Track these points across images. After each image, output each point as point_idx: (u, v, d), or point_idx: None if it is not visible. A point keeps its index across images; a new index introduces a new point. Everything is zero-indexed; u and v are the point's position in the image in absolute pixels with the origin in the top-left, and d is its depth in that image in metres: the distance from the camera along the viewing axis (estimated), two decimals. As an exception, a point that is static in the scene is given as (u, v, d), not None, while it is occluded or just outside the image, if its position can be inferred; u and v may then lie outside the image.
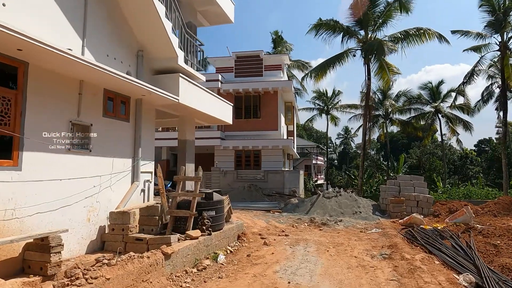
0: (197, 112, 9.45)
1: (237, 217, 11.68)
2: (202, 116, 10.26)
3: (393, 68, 21.25)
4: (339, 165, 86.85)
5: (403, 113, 40.05)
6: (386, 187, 13.58)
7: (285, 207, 15.29)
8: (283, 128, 22.05)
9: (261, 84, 20.39)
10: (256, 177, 18.81)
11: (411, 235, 8.91)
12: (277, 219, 12.80)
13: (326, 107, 42.25)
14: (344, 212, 13.47)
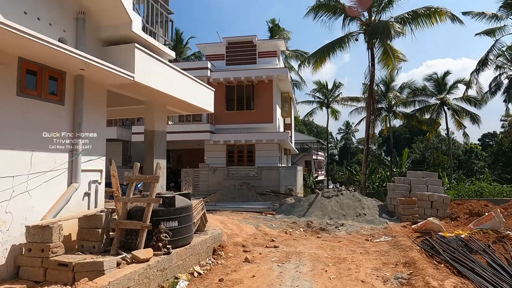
0: (167, 97, 7.69)
1: (221, 222, 9.98)
2: (175, 102, 8.50)
3: (399, 54, 19.41)
4: (340, 161, 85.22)
5: (407, 106, 38.24)
6: (394, 185, 11.82)
7: (279, 208, 13.56)
8: (279, 121, 20.27)
9: (254, 72, 18.58)
10: (248, 174, 17.09)
11: (430, 247, 7.17)
12: (269, 223, 11.07)
13: (326, 100, 40.45)
14: (346, 214, 11.73)
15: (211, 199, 15.10)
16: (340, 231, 9.84)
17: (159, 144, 8.28)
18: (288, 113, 22.08)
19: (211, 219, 10.16)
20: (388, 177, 39.44)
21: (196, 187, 17.29)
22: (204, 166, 17.35)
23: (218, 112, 19.37)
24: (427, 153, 56.61)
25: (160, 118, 8.39)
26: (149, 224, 5.19)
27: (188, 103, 8.63)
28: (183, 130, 18.71)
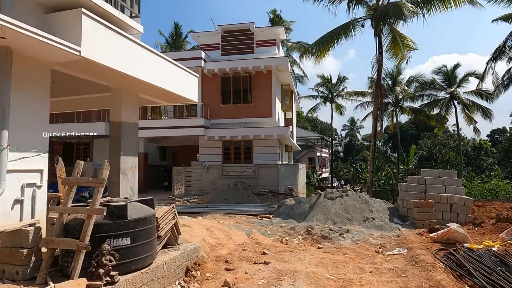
0: (136, 82, 6.34)
1: (208, 228, 8.64)
2: (149, 89, 7.15)
3: (408, 42, 17.88)
4: (345, 158, 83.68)
5: (415, 101, 36.65)
6: (407, 185, 10.39)
7: (277, 211, 12.19)
8: (278, 115, 18.86)
9: (251, 62, 17.17)
10: (245, 172, 15.72)
11: (457, 264, 5.77)
12: (264, 229, 9.71)
13: (330, 94, 38.90)
14: (352, 218, 10.34)
15: (202, 200, 13.77)
16: (345, 240, 8.45)
17: (127, 139, 6.93)
18: (289, 107, 20.66)
19: (196, 225, 8.83)
20: (394, 174, 37.98)
21: (189, 187, 15.98)
22: (196, 163, 16.01)
23: (213, 106, 18.04)
24: (434, 150, 55.01)
25: (129, 108, 7.03)
26: (87, 244, 3.84)
27: (165, 91, 7.27)
28: (176, 125, 17.40)
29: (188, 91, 8.21)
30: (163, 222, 5.37)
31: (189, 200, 14.61)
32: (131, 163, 7.02)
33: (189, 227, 8.06)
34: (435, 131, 57.33)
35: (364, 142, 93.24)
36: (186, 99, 8.30)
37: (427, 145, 60.16)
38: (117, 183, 6.66)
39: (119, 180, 6.64)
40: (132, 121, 7.13)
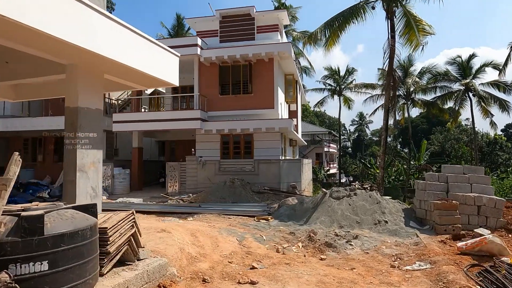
0: (95, 58, 5.12)
1: (192, 234, 7.45)
2: (115, 68, 5.91)
3: (424, 26, 16.35)
4: (354, 153, 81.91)
5: (427, 93, 34.88)
6: (425, 183, 9.00)
7: (277, 211, 10.92)
8: (281, 107, 17.52)
9: (251, 49, 15.83)
10: (244, 168, 14.46)
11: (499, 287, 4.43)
12: (260, 233, 8.46)
13: (338, 87, 37.35)
14: (361, 221, 9.01)
15: (196, 198, 12.57)
16: (353, 248, 7.14)
17: (87, 128, 5.70)
18: (293, 98, 19.29)
19: (180, 230, 7.62)
20: (405, 170, 36.44)
21: (183, 184, 14.79)
22: (191, 159, 14.79)
23: (211, 97, 16.79)
24: (446, 145, 53.18)
25: (89, 91, 5.78)
26: (-29, 274, 2.62)
27: (137, 72, 6.02)
28: (171, 118, 16.20)
29: (167, 72, 6.94)
30: (115, 233, 4.13)
31: (183, 199, 13.42)
32: (93, 158, 5.79)
33: (168, 233, 6.85)
34: (448, 125, 55.33)
35: (373, 137, 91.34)
36: (165, 82, 7.04)
37: (439, 140, 58.29)
38: (73, 182, 5.45)
39: (75, 178, 5.43)
40: (95, 107, 5.89)
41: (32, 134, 19.71)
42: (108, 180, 15.66)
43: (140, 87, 7.34)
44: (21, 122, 18.29)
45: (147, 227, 7.60)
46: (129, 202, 12.90)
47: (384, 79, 35.98)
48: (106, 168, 15.72)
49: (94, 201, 5.76)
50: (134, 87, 7.38)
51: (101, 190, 6.04)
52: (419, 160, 37.41)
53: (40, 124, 17.84)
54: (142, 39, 6.13)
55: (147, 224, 8.20)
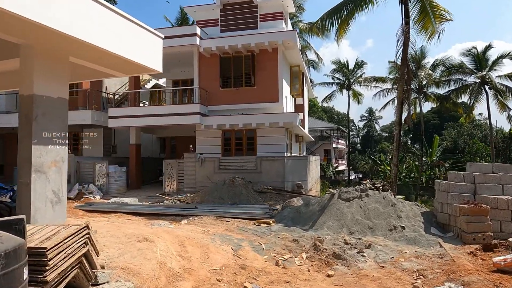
0: (56, 37, 4.17)
1: (180, 242, 6.51)
2: (84, 51, 4.95)
3: (441, 12, 15.10)
4: (363, 149, 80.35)
5: (440, 86, 33.36)
6: (448, 184, 7.88)
7: (280, 214, 9.92)
8: (286, 100, 16.45)
9: (253, 38, 14.76)
10: (245, 166, 13.47)
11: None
12: (259, 240, 7.47)
13: (347, 81, 36.01)
14: (374, 227, 7.96)
15: (193, 199, 11.62)
16: (366, 261, 6.11)
17: (45, 120, 4.76)
18: (299, 91, 18.19)
19: (166, 237, 6.67)
20: (416, 167, 35.14)
21: (181, 182, 13.87)
22: (189, 156, 13.84)
23: (212, 91, 15.81)
24: (459, 141, 51.56)
25: (48, 76, 4.84)
26: None
27: (110, 54, 5.06)
28: (169, 113, 15.27)
29: (149, 56, 5.97)
30: (59, 255, 3.18)
31: (180, 199, 12.51)
32: (55, 156, 4.86)
33: (150, 243, 5.89)
34: (461, 120, 53.53)
35: (383, 133, 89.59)
36: (146, 68, 6.07)
37: (451, 135, 56.64)
38: (28, 184, 4.53)
39: (30, 180, 4.50)
40: (57, 96, 4.94)
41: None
42: (103, 179, 14.83)
43: (117, 73, 6.37)
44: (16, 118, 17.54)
45: (129, 235, 6.67)
46: (122, 202, 12.03)
47: (395, 72, 34.64)
48: (101, 166, 14.90)
49: (56, 208, 4.85)
50: (110, 74, 6.41)
51: (66, 194, 5.10)
52: (431, 156, 36.10)
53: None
54: (117, 16, 5.15)
55: (132, 230, 7.28)
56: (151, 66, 6.03)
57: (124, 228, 7.59)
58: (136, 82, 17.02)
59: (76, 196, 13.74)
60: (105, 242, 6.17)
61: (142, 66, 5.93)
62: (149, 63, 5.97)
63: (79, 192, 13.92)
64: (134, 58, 5.56)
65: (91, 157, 16.42)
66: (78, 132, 18.55)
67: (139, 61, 5.71)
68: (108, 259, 5.06)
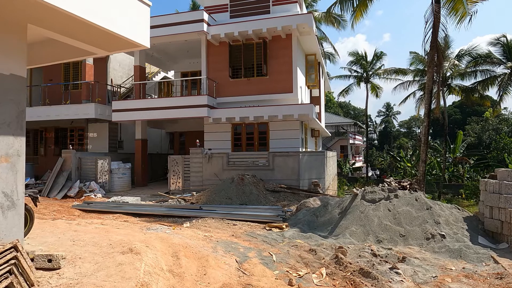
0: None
1: (174, 253, 5.50)
2: (47, 16, 3.88)
3: (474, -10, 13.55)
4: (380, 146, 78.07)
5: (465, 78, 31.34)
6: (498, 184, 6.51)
7: (294, 217, 8.74)
8: (301, 91, 15.19)
9: (265, 23, 13.54)
10: (256, 162, 12.31)
11: None
12: (269, 250, 6.31)
13: (365, 73, 34.32)
14: (407, 235, 6.69)
15: (198, 199, 10.55)
16: (403, 281, 4.87)
17: None
18: (315, 81, 16.87)
19: (162, 244, 5.64)
20: (438, 163, 33.33)
21: (187, 180, 12.83)
22: (196, 151, 12.77)
23: (221, 81, 14.70)
24: (484, 136, 49.05)
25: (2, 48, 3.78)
26: None
27: (81, 21, 3.97)
28: (174, 105, 14.23)
29: (132, 28, 4.85)
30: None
31: (185, 198, 11.46)
32: (6, 149, 3.81)
33: (134, 256, 4.83)
34: (486, 114, 50.87)
35: (401, 129, 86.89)
36: (129, 42, 4.95)
37: (475, 130, 54.04)
38: (-34, 185, 3.50)
39: (-31, 179, 3.47)
40: (8, 73, 3.89)
41: (32, 126, 18.37)
42: (105, 176, 13.93)
43: (94, 50, 5.26)
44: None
45: (115, 243, 5.63)
46: (122, 201, 11.08)
47: (417, 64, 32.79)
48: (103, 162, 14.00)
49: (8, 215, 3.81)
50: (86, 52, 5.31)
51: (23, 196, 4.06)
52: (454, 152, 34.25)
53: (37, 114, 16.36)
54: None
55: (121, 236, 6.24)
56: (136, 40, 4.92)
57: (112, 234, 6.58)
58: (141, 74, 16.06)
59: (76, 195, 12.90)
60: (83, 253, 5.15)
61: (125, 40, 4.83)
62: (133, 35, 4.86)
63: (79, 190, 13.07)
64: (114, 28, 4.46)
65: (94, 153, 15.57)
66: (83, 126, 17.78)
67: (121, 32, 4.61)
68: (76, 278, 4.02)
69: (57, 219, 8.85)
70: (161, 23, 14.37)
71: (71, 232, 6.66)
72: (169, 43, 15.45)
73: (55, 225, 7.35)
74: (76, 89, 17.59)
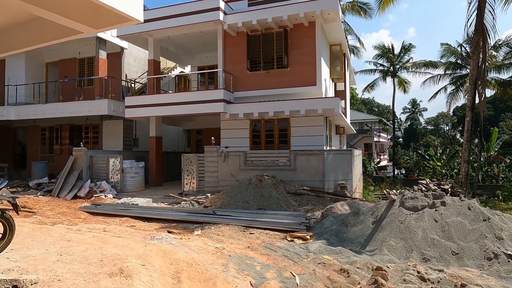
0: None
1: (177, 272, 4.53)
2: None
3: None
4: (405, 144, 75.13)
5: (502, 71, 29.05)
6: None
7: (320, 225, 7.63)
8: (326, 83, 13.96)
9: (286, 9, 12.41)
10: (276, 161, 11.23)
11: None
12: (291, 268, 5.25)
13: (392, 67, 32.47)
14: (461, 252, 5.45)
15: (212, 201, 9.59)
16: (470, 322, 3.68)
17: None
18: (340, 74, 15.59)
19: (162, 261, 4.75)
20: (472, 163, 31.15)
21: (202, 180, 11.91)
22: (211, 150, 11.82)
23: (238, 75, 13.71)
24: (521, 133, 46.09)
25: None
26: None
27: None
28: (189, 101, 13.35)
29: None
30: None
31: (198, 200, 10.55)
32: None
33: (124, 280, 3.89)
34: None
35: (428, 126, 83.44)
36: (118, 15, 3.94)
37: (510, 127, 50.84)
38: None
39: None
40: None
41: (48, 123, 18.03)
42: (117, 175, 13.24)
43: (80, 26, 4.31)
44: (33, 109, 16.52)
45: (107, 259, 4.74)
46: (132, 203, 10.29)
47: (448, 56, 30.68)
48: (115, 161, 13.31)
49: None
50: (72, 30, 4.37)
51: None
52: (488, 151, 31.97)
53: (51, 111, 15.93)
54: None
55: (117, 249, 5.34)
56: (126, 12, 3.92)
57: (109, 245, 5.71)
58: (155, 68, 15.29)
59: (86, 195, 12.25)
60: (65, 273, 4.25)
61: (114, 12, 3.83)
62: (123, 6, 3.87)
63: (90, 190, 12.42)
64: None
65: (106, 151, 14.94)
66: (98, 124, 17.25)
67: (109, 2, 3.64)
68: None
69: (57, 224, 8.11)
70: (175, 13, 13.52)
71: (63, 242, 5.84)
72: (184, 35, 14.59)
73: (50, 233, 6.57)
74: (91, 86, 17.06)
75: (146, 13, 14.32)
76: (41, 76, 18.65)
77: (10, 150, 19.43)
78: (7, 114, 16.72)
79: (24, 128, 19.07)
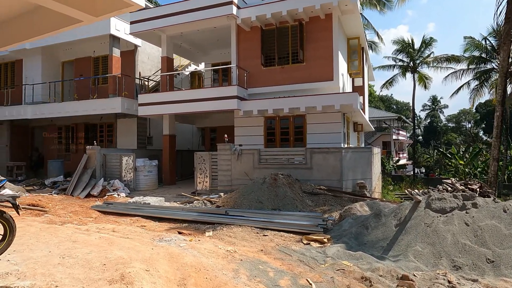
0: None
1: (183, 279, 4.14)
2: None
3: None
4: (425, 142, 73.09)
5: (530, 65, 27.53)
6: None
7: (337, 227, 7.17)
8: (343, 79, 13.41)
9: (302, 2, 11.92)
10: (291, 160, 10.79)
11: None
12: (307, 275, 4.86)
13: (412, 62, 31.41)
14: (498, 260, 4.92)
15: (225, 201, 9.25)
16: None
17: None
18: (358, 69, 14.98)
19: (168, 266, 4.42)
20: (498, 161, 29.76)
21: (215, 179, 11.60)
22: (224, 148, 11.48)
23: (252, 70, 13.34)
24: (547, 130, 43.98)
25: None
26: None
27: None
28: (202, 98, 13.06)
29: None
30: None
31: (211, 200, 10.24)
32: None
33: (124, 287, 3.56)
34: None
35: (449, 124, 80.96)
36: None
37: (536, 124, 48.60)
38: None
39: None
40: None
41: (64, 122, 18.14)
42: (130, 174, 13.09)
43: (79, 14, 4.02)
44: (49, 108, 16.61)
45: (110, 263, 4.45)
46: (144, 202, 10.08)
47: (472, 50, 29.38)
48: (128, 159, 13.16)
49: None
50: (71, 18, 4.09)
51: None
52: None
53: (66, 110, 15.97)
54: None
55: (122, 252, 5.06)
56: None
57: (114, 248, 5.44)
58: (169, 65, 15.09)
59: (99, 193, 12.14)
60: (64, 278, 3.98)
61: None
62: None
63: (103, 189, 12.31)
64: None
65: (120, 149, 14.83)
66: (112, 122, 17.21)
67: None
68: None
69: (67, 223, 7.94)
70: (187, 8, 13.25)
71: (68, 244, 5.61)
72: (197, 31, 14.31)
73: (56, 233, 6.37)
74: (105, 84, 17.03)
75: (159, 9, 14.11)
76: (57, 75, 18.77)
77: (28, 149, 19.68)
78: (24, 113, 16.88)
79: (41, 127, 19.27)
